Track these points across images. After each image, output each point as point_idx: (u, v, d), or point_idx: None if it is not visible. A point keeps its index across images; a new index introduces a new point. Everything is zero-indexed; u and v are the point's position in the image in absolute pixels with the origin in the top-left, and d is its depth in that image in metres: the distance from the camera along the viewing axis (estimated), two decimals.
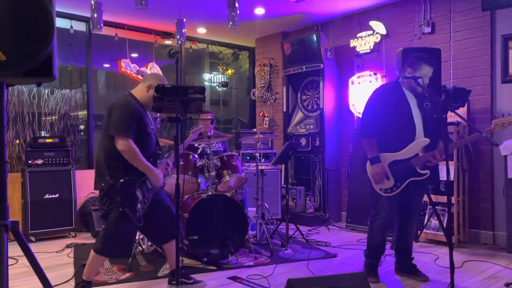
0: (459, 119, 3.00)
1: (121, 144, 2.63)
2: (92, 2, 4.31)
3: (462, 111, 4.37)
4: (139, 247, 4.04)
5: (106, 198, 2.71)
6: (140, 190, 2.72)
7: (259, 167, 4.37)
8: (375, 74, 5.21)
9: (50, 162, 4.79)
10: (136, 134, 2.70)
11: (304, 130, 5.79)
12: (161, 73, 6.10)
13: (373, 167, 3.08)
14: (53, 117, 5.42)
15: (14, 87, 5.04)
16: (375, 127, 3.10)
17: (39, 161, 4.73)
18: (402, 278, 3.29)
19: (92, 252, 2.81)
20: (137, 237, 3.95)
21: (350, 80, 5.57)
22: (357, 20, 5.55)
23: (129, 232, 2.81)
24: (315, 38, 5.58)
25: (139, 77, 5.93)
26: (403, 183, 3.06)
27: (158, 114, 3.11)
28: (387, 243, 4.13)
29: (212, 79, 7.25)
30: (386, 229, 3.24)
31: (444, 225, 4.15)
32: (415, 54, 3.18)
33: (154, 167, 2.79)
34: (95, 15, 4.34)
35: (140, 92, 2.85)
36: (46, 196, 4.68)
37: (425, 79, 3.04)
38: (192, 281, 3.08)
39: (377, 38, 5.28)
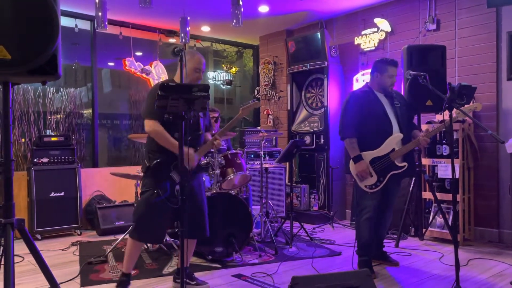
0: (465, 117, 3.00)
1: (146, 126, 2.76)
2: (97, 1, 4.32)
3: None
4: (144, 245, 4.05)
5: (144, 180, 2.82)
6: (176, 171, 2.74)
7: (264, 165, 4.37)
8: None
9: (56, 160, 4.82)
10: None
11: (308, 128, 5.78)
12: (165, 71, 6.12)
13: (356, 165, 3.28)
14: (59, 116, 5.45)
15: (20, 85, 5.06)
16: (354, 128, 3.31)
17: (45, 160, 4.75)
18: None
19: (128, 239, 2.88)
20: None
21: (354, 78, 5.56)
22: (361, 18, 5.53)
23: (157, 214, 2.80)
24: (319, 35, 5.57)
25: (144, 75, 5.94)
26: (385, 177, 3.28)
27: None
28: (392, 241, 4.19)
29: (216, 77, 7.25)
30: (372, 223, 3.37)
31: (449, 223, 4.13)
32: (378, 60, 3.44)
33: (189, 147, 2.68)
34: (100, 13, 4.36)
35: (178, 73, 2.87)
36: (52, 194, 4.70)
37: (392, 79, 3.36)
38: (195, 282, 3.06)
39: (381, 35, 5.26)
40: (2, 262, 1.75)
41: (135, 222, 2.85)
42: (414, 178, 4.24)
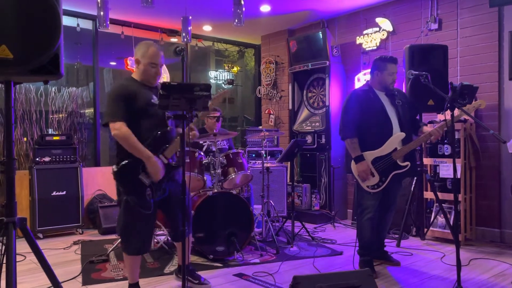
0: (466, 117, 2.99)
1: (113, 129, 2.55)
2: (99, 0, 4.33)
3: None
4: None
5: (116, 188, 2.68)
6: (145, 173, 2.59)
7: (265, 165, 4.37)
8: None
9: (58, 159, 4.83)
10: (130, 114, 2.58)
11: (310, 128, 5.78)
12: (167, 70, 6.12)
13: (358, 165, 3.26)
14: (60, 115, 5.46)
15: (22, 85, 5.07)
16: (355, 128, 3.29)
17: (47, 159, 4.76)
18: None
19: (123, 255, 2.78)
20: None
21: (356, 77, 5.55)
22: (363, 17, 5.53)
23: (137, 222, 2.64)
24: (321, 35, 5.57)
25: None
26: (387, 177, 3.25)
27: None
28: (393, 241, 4.19)
29: (218, 76, 7.26)
30: (374, 223, 3.37)
31: (451, 223, 4.13)
32: (377, 58, 3.43)
33: (155, 157, 2.58)
34: (102, 13, 4.36)
35: (135, 70, 2.80)
36: (54, 193, 4.71)
37: (393, 77, 3.34)
38: (197, 281, 3.05)
39: (383, 35, 5.26)
40: (4, 261, 1.75)
41: (121, 235, 2.71)
42: (415, 178, 4.24)
